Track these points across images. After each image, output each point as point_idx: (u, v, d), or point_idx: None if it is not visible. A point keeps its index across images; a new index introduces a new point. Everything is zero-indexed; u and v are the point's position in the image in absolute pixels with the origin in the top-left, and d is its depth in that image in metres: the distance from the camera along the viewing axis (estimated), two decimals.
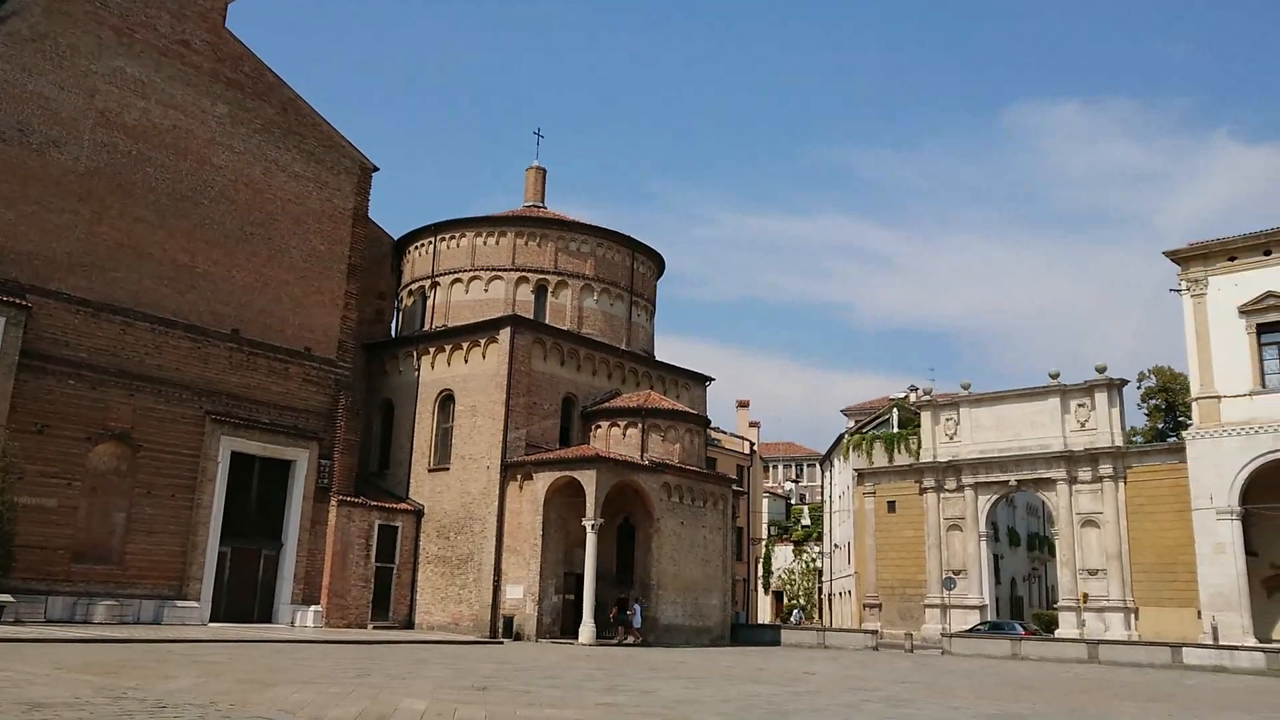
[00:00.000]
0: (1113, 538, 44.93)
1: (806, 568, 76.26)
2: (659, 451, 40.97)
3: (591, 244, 46.31)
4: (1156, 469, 44.42)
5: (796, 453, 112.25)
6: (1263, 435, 39.82)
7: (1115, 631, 43.34)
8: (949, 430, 51.46)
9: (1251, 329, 41.08)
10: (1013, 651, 40.53)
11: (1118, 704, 20.49)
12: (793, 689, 20.70)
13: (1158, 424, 60.37)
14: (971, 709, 17.96)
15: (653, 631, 38.83)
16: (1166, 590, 42.98)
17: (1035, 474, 47.84)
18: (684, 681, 21.42)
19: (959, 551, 49.66)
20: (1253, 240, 41.65)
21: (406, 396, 42.95)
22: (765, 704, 17.07)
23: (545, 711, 14.21)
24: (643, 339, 48.45)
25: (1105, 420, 46.47)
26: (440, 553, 40.17)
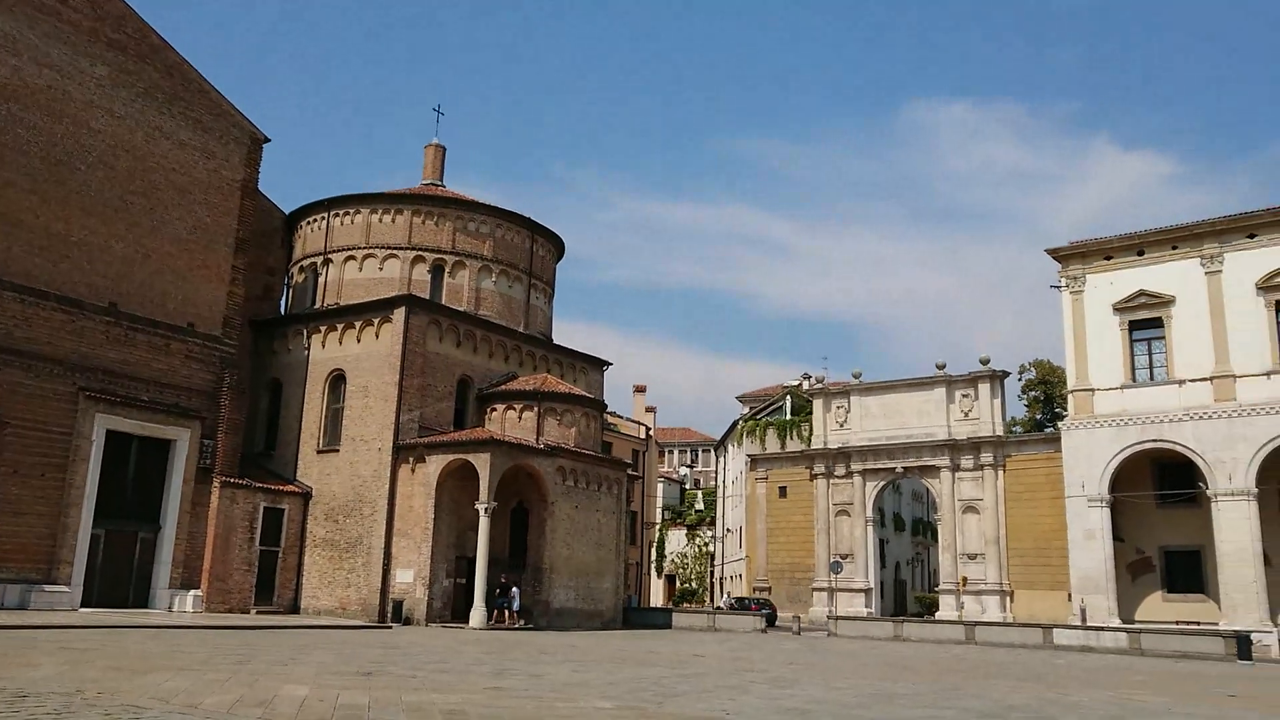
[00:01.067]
0: (992, 523, 46.64)
1: (699, 551, 77.17)
2: (555, 435, 40.82)
3: (491, 225, 45.76)
4: (1034, 458, 46.24)
5: (692, 438, 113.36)
6: (1131, 427, 41.80)
7: (992, 613, 45.05)
8: (840, 418, 52.60)
9: (1124, 325, 43.04)
10: (895, 633, 41.76)
11: (991, 683, 21.28)
12: (681, 671, 20.90)
13: (1036, 415, 62.85)
14: (853, 689, 18.42)
15: (544, 615, 38.77)
16: (1040, 574, 44.84)
17: (921, 461, 49.29)
18: (573, 665, 21.42)
19: (847, 536, 50.88)
20: (1127, 241, 43.58)
21: (295, 376, 41.80)
22: (653, 686, 17.19)
23: (431, 696, 14.02)
24: (541, 322, 48.16)
25: (987, 410, 48.14)
26: (328, 536, 39.30)
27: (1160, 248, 42.73)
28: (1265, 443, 38.69)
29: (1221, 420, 39.72)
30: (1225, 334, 40.48)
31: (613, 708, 13.82)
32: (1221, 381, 40.18)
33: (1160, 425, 41.13)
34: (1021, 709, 16.04)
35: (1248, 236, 40.70)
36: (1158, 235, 42.86)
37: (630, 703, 14.52)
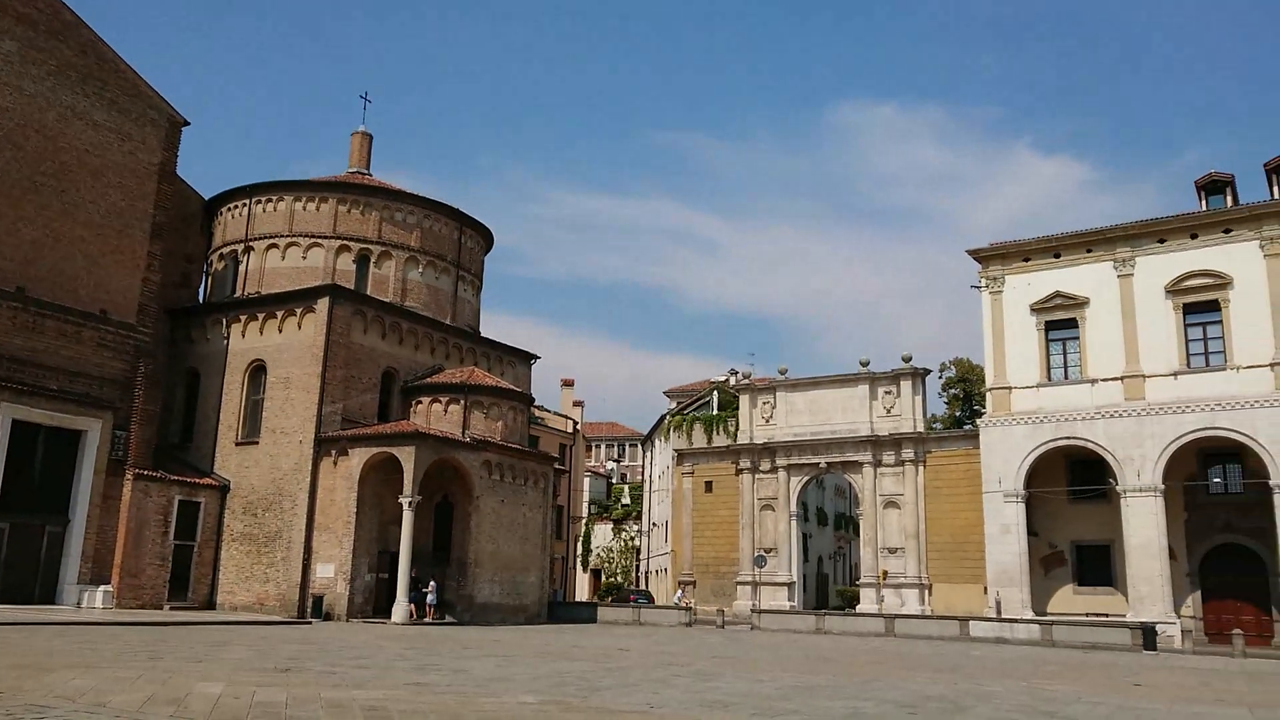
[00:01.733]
0: (912, 518, 47.56)
1: (625, 546, 77.31)
2: (481, 429, 40.50)
3: (418, 215, 45.18)
4: (953, 454, 47.27)
5: (619, 433, 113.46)
6: (1046, 425, 42.98)
7: (911, 606, 45.95)
8: (766, 414, 53.11)
9: (1041, 326, 44.21)
10: (817, 626, 42.36)
11: (909, 674, 21.71)
12: (605, 665, 20.90)
13: (956, 412, 64.22)
14: (775, 681, 18.62)
15: (468, 610, 38.48)
16: (958, 567, 45.88)
17: (844, 457, 50.03)
18: (497, 660, 21.28)
19: (771, 531, 51.43)
20: (1045, 243, 44.76)
21: (214, 366, 40.78)
22: (577, 680, 17.16)
23: (351, 693, 13.79)
24: (468, 314, 47.72)
25: (909, 407, 49.06)
26: (246, 530, 38.43)
27: (1075, 251, 43.98)
28: (1171, 441, 40.10)
29: (1131, 419, 41.06)
30: (1136, 335, 41.83)
31: (537, 702, 13.76)
32: (1132, 381, 41.52)
33: (1074, 423, 42.36)
34: (938, 699, 16.38)
35: (1158, 241, 42.10)
36: (1073, 239, 44.10)
37: (554, 697, 14.47)
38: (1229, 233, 40.74)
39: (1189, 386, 40.37)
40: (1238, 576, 40.82)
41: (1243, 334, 39.70)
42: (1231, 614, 40.26)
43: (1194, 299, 41.05)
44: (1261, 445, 38.22)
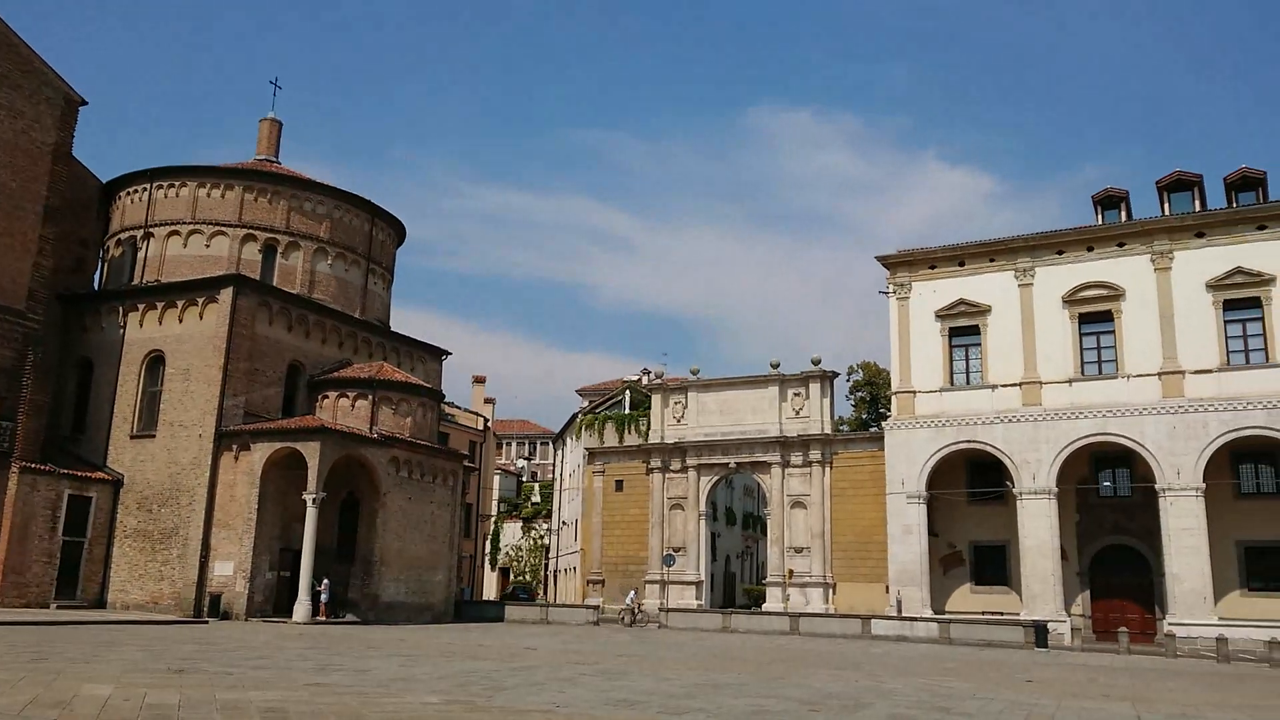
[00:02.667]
0: (818, 518, 48.36)
1: (534, 544, 76.97)
2: (389, 425, 39.86)
3: (328, 205, 44.25)
4: (859, 455, 48.19)
5: (531, 430, 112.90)
6: (949, 428, 44.15)
7: (815, 605, 46.71)
8: (677, 413, 53.41)
9: (945, 332, 45.38)
10: (723, 625, 42.77)
11: (813, 671, 22.07)
12: (512, 664, 20.77)
13: (862, 414, 65.51)
14: (681, 679, 18.74)
15: (373, 609, 37.84)
16: (861, 567, 46.80)
17: (754, 457, 50.60)
18: (401, 659, 20.97)
19: (680, 530, 51.74)
20: (950, 251, 45.97)
21: (109, 356, 39.30)
22: (483, 680, 17.01)
23: (249, 694, 13.42)
24: (378, 308, 46.93)
25: (817, 409, 49.86)
26: (141, 526, 37.14)
27: (979, 260, 45.26)
28: (1065, 445, 41.56)
29: (1028, 424, 42.43)
30: (1034, 343, 43.23)
31: (440, 702, 13.59)
32: (1029, 387, 42.90)
33: (974, 427, 43.59)
34: (839, 696, 16.68)
35: (1056, 253, 43.59)
36: (977, 248, 45.37)
37: (459, 697, 14.31)
38: (1122, 246, 42.40)
39: (1083, 393, 41.89)
40: (1124, 576, 42.54)
41: (1133, 344, 41.37)
42: (1118, 612, 41.94)
43: (1089, 309, 42.61)
44: (1148, 450, 39.87)
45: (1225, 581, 39.22)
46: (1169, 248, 41.31)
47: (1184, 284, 40.79)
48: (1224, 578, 39.10)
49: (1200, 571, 38.26)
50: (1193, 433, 39.23)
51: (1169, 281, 41.11)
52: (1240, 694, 20.64)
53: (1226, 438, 38.84)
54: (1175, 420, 39.64)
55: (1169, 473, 39.30)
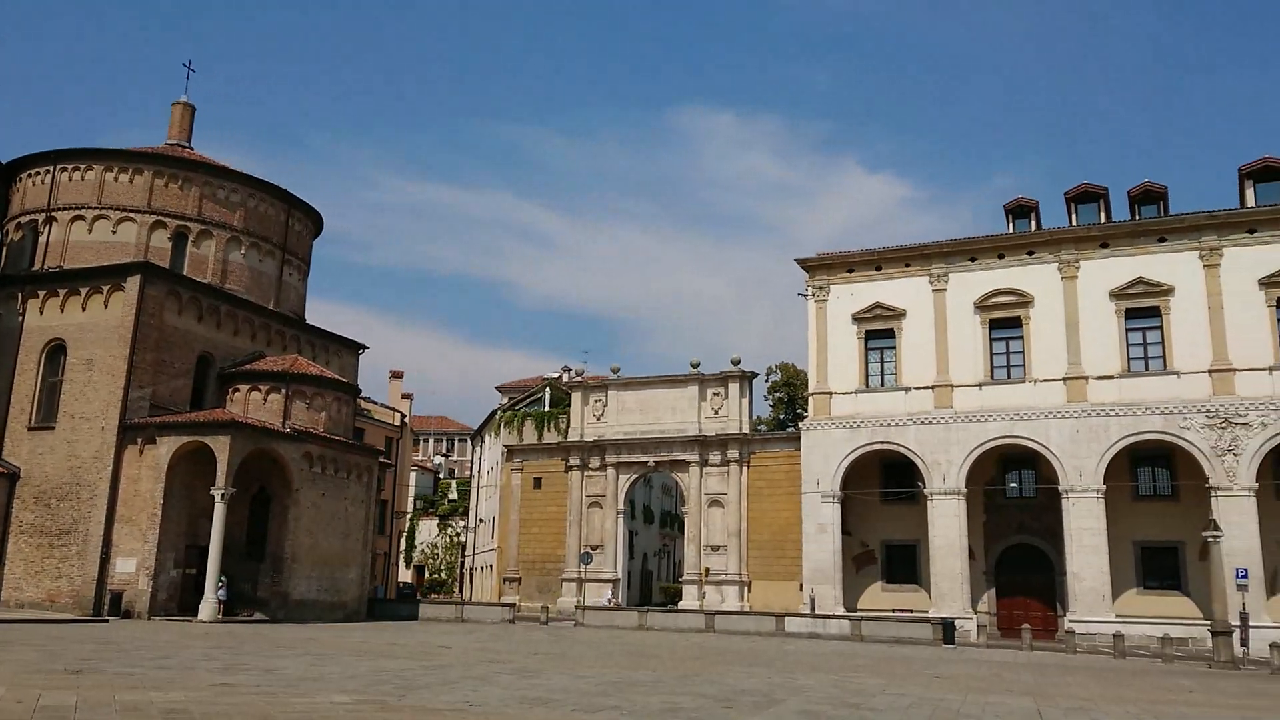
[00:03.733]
0: (735, 517, 48.82)
1: (450, 542, 76.21)
2: (303, 419, 39.05)
3: (243, 194, 43.15)
4: (776, 455, 48.78)
5: (449, 427, 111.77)
6: (863, 429, 44.96)
7: (731, 603, 47.16)
8: (597, 411, 53.40)
9: (861, 335, 46.19)
10: (640, 622, 42.90)
11: (727, 668, 22.27)
12: (425, 663, 20.53)
13: (780, 415, 66.37)
14: (597, 677, 18.74)
15: (283, 607, 37.05)
16: (776, 565, 47.39)
17: (672, 456, 50.87)
18: (311, 658, 20.56)
19: (598, 528, 51.74)
20: (867, 256, 46.81)
21: (6, 344, 37.75)
22: (395, 679, 16.77)
23: (149, 695, 13.02)
24: (293, 300, 45.94)
25: (736, 409, 50.33)
26: (38, 521, 35.76)
27: (895, 265, 46.18)
28: (975, 447, 42.67)
29: (940, 426, 43.45)
30: (947, 347, 44.27)
31: (351, 702, 13.37)
32: (941, 390, 43.93)
33: (888, 428, 44.47)
34: (752, 693, 16.87)
35: (969, 260, 44.71)
36: (893, 253, 46.29)
37: (370, 696, 14.10)
38: (1032, 255, 43.69)
39: (992, 397, 43.06)
40: (1028, 575, 43.88)
41: (1041, 349, 42.65)
42: (1021, 610, 43.24)
43: (999, 315, 43.79)
44: (1053, 453, 41.17)
45: (1122, 580, 40.74)
46: (1075, 257, 42.70)
47: (1089, 292, 42.21)
48: (1121, 576, 40.61)
49: (1099, 570, 39.65)
50: (1095, 436, 40.64)
51: (1075, 290, 42.51)
52: (1135, 689, 21.44)
53: (1126, 441, 40.32)
54: (1078, 424, 41.01)
55: (1072, 475, 40.64)
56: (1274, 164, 42.41)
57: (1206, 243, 40.63)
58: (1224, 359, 39.56)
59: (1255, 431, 38.41)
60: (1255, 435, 38.39)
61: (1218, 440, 38.78)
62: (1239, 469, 38.31)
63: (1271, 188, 42.22)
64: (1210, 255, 40.53)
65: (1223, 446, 38.65)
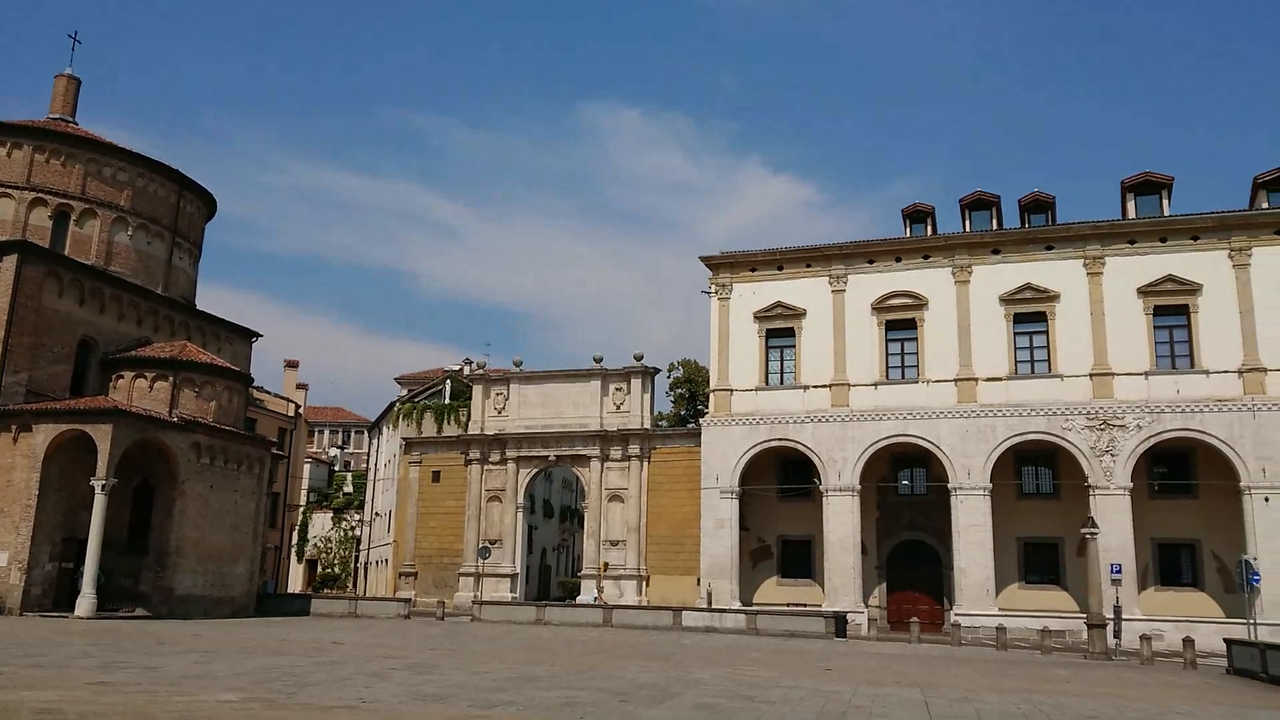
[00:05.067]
0: (634, 512, 49.04)
1: (345, 536, 74.67)
2: (191, 408, 37.75)
3: (130, 172, 41.44)
4: (676, 451, 49.18)
5: (346, 418, 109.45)
6: (762, 426, 45.64)
7: (629, 597, 47.36)
8: (499, 405, 52.98)
9: (762, 333, 46.86)
10: (537, 617, 42.73)
11: (624, 663, 22.34)
12: (317, 659, 20.07)
13: (681, 411, 66.85)
14: (494, 672, 18.59)
15: (166, 603, 35.76)
16: (675, 560, 47.79)
17: (573, 451, 50.80)
18: (197, 655, 19.90)
19: (497, 522, 51.36)
20: (769, 256, 47.51)
21: None
22: (285, 676, 16.35)
23: (21, 694, 12.41)
24: (184, 285, 44.34)
25: (638, 404, 50.54)
26: None
27: (796, 265, 46.97)
28: (869, 445, 43.71)
29: (836, 424, 44.37)
30: (844, 346, 45.23)
31: (238, 700, 12.97)
32: (839, 389, 44.87)
33: (786, 426, 45.22)
34: (649, 687, 16.95)
35: (868, 262, 45.75)
36: (795, 253, 47.07)
37: (259, 694, 13.70)
38: (927, 259, 44.93)
39: (887, 396, 44.17)
40: (918, 570, 45.21)
41: (934, 351, 43.92)
42: (911, 603, 44.52)
43: (895, 317, 44.94)
44: (943, 452, 42.46)
45: (1006, 575, 42.30)
46: (968, 262, 44.08)
47: (980, 296, 43.63)
48: (1005, 571, 42.17)
49: (984, 565, 41.08)
50: (982, 436, 42.06)
51: (967, 294, 43.89)
52: (1015, 679, 22.26)
53: (1012, 441, 41.84)
54: (968, 424, 42.38)
55: (960, 473, 41.99)
56: (1154, 178, 44.51)
57: (1090, 252, 42.42)
58: (1104, 364, 41.37)
59: (1131, 433, 40.28)
60: (1131, 437, 40.26)
61: (1096, 441, 40.55)
62: (1116, 469, 40.13)
63: (1151, 201, 44.34)
64: (1093, 264, 42.32)
65: (1101, 447, 40.43)
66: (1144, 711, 16.61)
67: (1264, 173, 43.58)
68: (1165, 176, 44.48)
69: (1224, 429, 39.25)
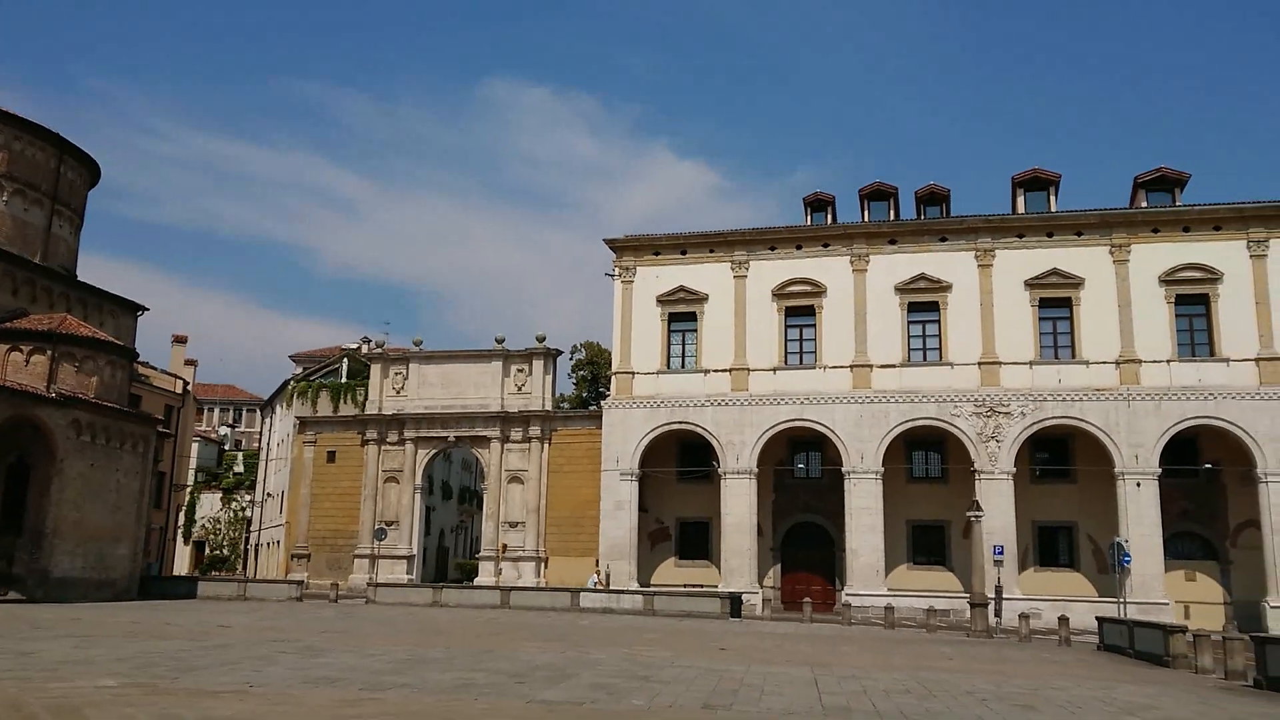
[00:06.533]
0: (534, 493, 48.92)
1: (235, 517, 72.68)
2: (71, 384, 36.17)
3: (6, 134, 39.33)
4: (577, 433, 49.20)
5: (238, 396, 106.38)
6: (663, 409, 45.98)
7: (527, 579, 47.29)
8: (398, 384, 52.16)
9: (665, 317, 47.13)
10: (434, 599, 42.35)
11: (521, 644, 22.32)
12: (203, 643, 19.53)
13: (583, 393, 66.85)
14: (387, 655, 18.37)
15: (42, 586, 34.30)
16: (574, 541, 47.88)
17: (474, 431, 50.36)
18: (74, 640, 19.15)
19: (394, 503, 50.65)
20: (673, 240, 47.77)
21: None
22: (169, 660, 15.87)
23: None
24: (64, 254, 42.34)
25: (540, 386, 50.35)
26: None
27: (700, 250, 47.35)
28: (767, 429, 44.44)
29: (736, 408, 44.99)
30: (745, 331, 45.81)
31: (118, 685, 12.54)
32: (739, 373, 45.47)
33: (687, 409, 45.65)
34: (546, 667, 16.98)
35: (769, 249, 46.40)
36: (699, 239, 47.44)
37: (140, 679, 13.27)
38: (827, 247, 45.79)
39: (785, 381, 44.94)
40: (812, 551, 46.27)
41: (831, 336, 44.82)
42: (804, 584, 45.53)
43: (795, 303, 45.69)
44: (839, 436, 43.46)
45: (895, 556, 43.61)
46: (866, 251, 45.07)
47: (876, 285, 44.69)
48: (894, 553, 43.47)
49: (875, 547, 42.26)
50: (876, 421, 43.17)
51: (864, 282, 44.89)
52: (901, 656, 23.00)
53: (903, 427, 43.06)
54: (862, 410, 43.43)
55: (855, 457, 43.05)
56: (1042, 175, 46.18)
57: (981, 244, 43.81)
58: (992, 353, 42.85)
59: (1016, 420, 41.87)
60: (1016, 423, 41.85)
61: (983, 427, 42.03)
62: (1000, 454, 41.67)
63: (1039, 197, 46.01)
64: (984, 256, 43.73)
65: (987, 433, 41.93)
66: (1021, 686, 17.35)
67: (1144, 173, 45.62)
68: (1053, 174, 46.23)
69: (1101, 417, 41.11)
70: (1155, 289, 41.83)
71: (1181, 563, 41.68)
